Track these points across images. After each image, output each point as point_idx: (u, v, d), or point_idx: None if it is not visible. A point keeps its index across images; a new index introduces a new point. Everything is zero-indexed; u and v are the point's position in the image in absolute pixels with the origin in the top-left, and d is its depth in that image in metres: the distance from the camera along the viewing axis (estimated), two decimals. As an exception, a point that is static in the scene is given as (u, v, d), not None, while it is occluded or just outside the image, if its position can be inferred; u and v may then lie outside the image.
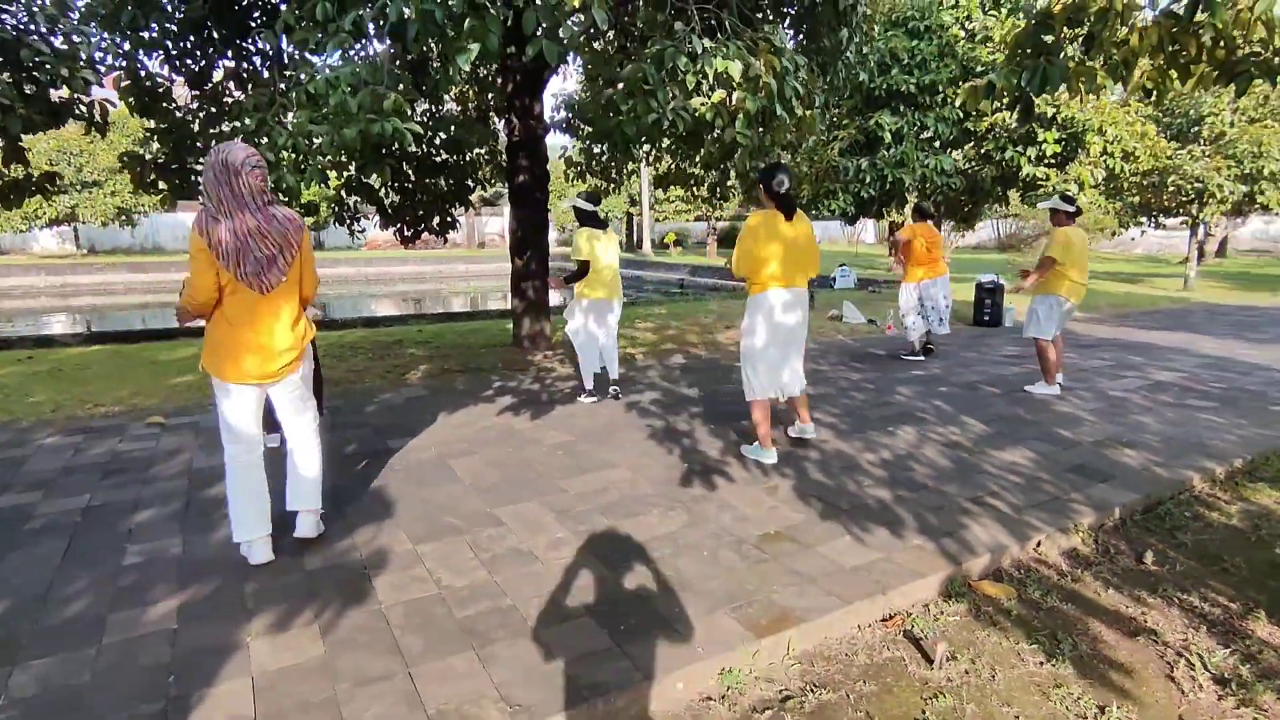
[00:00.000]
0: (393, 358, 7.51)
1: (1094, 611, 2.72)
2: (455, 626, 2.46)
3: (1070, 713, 2.16)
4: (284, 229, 2.76)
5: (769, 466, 4.07)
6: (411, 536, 3.17)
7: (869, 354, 7.84)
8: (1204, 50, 4.25)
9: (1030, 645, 2.49)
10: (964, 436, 4.66)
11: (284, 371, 2.86)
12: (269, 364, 2.79)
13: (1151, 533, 3.40)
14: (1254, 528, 3.44)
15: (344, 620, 2.50)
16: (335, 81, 4.97)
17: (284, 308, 2.81)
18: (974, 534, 3.21)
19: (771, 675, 2.34)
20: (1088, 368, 6.91)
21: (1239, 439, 4.63)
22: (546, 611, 2.56)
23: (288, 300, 2.83)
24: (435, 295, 24.72)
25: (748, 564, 2.92)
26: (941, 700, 2.20)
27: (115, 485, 3.78)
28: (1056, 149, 9.93)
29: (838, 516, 3.39)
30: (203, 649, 2.32)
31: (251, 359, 2.75)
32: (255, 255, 2.69)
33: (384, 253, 34.11)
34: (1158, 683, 2.31)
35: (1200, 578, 2.98)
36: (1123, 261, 25.82)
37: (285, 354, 2.83)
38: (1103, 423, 4.98)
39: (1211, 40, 4.26)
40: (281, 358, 2.82)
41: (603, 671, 2.22)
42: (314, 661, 2.26)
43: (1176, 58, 4.32)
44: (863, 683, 2.31)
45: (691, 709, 2.19)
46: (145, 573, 2.83)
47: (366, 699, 2.08)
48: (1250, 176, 14.22)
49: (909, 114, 10.55)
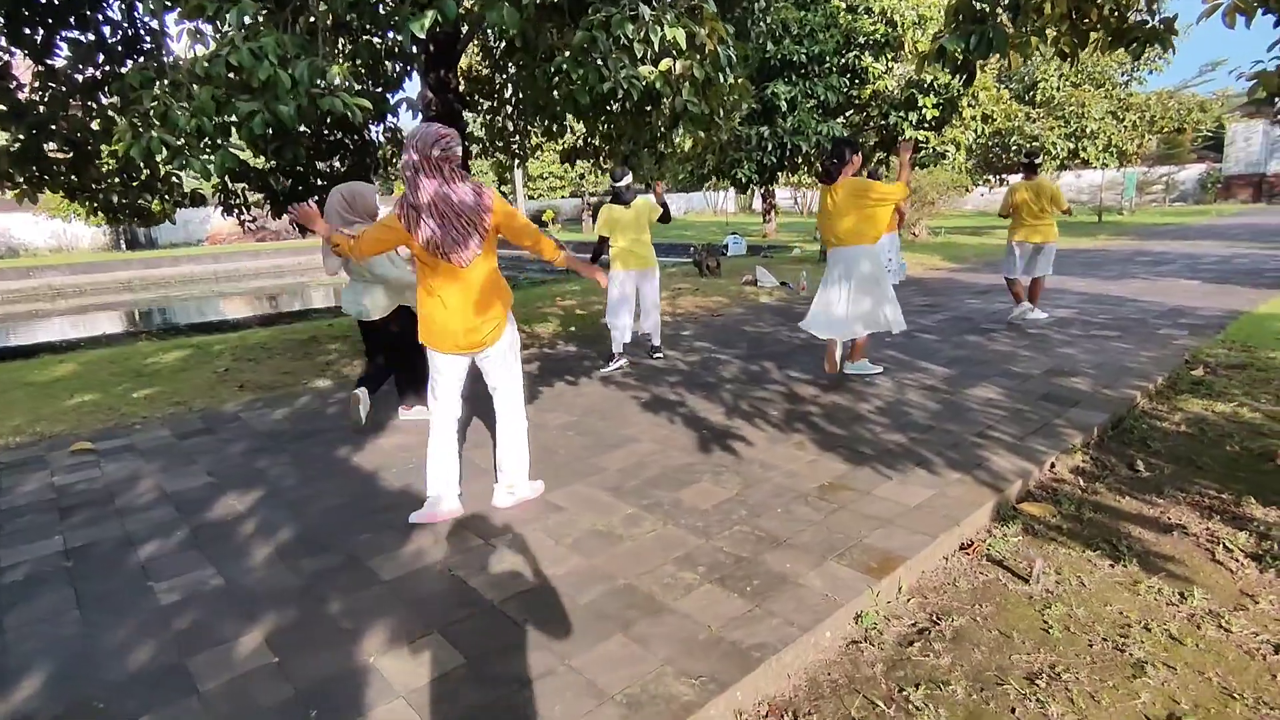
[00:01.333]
0: (317, 354, 6.95)
1: (1124, 517, 3.08)
2: (584, 613, 2.38)
3: (1161, 602, 2.44)
4: (474, 205, 2.80)
5: (782, 423, 4.21)
6: (477, 532, 3.00)
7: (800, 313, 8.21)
8: (1101, 18, 4.77)
9: (1094, 553, 2.78)
10: (935, 380, 5.03)
11: (488, 340, 2.96)
12: (472, 335, 2.92)
13: (1128, 445, 3.87)
14: (1201, 431, 4.00)
15: (463, 626, 2.34)
16: (261, 53, 4.50)
17: (479, 280, 2.89)
18: (997, 464, 3.50)
19: (897, 613, 2.47)
20: (998, 310, 7.63)
21: (1149, 360, 5.33)
22: (667, 585, 2.53)
23: (482, 273, 2.90)
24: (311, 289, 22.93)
25: (823, 515, 3.03)
26: (1056, 608, 2.42)
27: (86, 523, 3.27)
28: (935, 113, 10.77)
29: (872, 462, 3.57)
30: (325, 678, 2.10)
31: (454, 330, 2.90)
32: (447, 231, 2.77)
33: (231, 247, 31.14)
34: (1209, 567, 2.66)
35: (1187, 477, 3.44)
36: (959, 217, 28.48)
37: (484, 324, 2.93)
38: (1039, 356, 5.56)
39: (1109, 10, 4.78)
40: (481, 328, 2.93)
41: (759, 632, 2.24)
42: (460, 671, 2.11)
43: (1078, 25, 4.83)
44: (978, 605, 2.48)
45: (846, 654, 2.26)
46: (196, 610, 2.49)
47: (545, 699, 1.98)
48: (1075, 135, 16.15)
49: (800, 83, 11.00)
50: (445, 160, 2.77)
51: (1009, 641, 2.28)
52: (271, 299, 20.59)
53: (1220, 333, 6.21)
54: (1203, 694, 2.01)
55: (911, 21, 10.60)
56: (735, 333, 7.25)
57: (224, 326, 9.24)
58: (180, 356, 7.11)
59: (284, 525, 3.14)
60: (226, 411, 5.08)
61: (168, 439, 4.51)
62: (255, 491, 3.54)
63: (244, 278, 27.32)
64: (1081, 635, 2.29)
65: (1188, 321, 6.72)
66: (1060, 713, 1.95)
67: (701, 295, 9.87)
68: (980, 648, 2.25)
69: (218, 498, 3.49)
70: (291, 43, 4.54)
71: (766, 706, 2.04)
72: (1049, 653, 2.21)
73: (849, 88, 11.28)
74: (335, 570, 2.73)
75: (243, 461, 4.00)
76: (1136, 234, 17.36)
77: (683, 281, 11.49)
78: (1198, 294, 8.35)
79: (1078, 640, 2.27)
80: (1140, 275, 10.12)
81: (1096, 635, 2.28)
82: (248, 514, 3.27)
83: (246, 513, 3.29)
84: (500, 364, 3.10)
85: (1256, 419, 4.13)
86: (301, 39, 4.68)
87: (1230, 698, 1.99)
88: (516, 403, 3.20)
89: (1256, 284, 9.01)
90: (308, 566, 2.76)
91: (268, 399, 5.38)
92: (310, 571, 2.73)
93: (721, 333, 7.27)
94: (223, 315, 13.60)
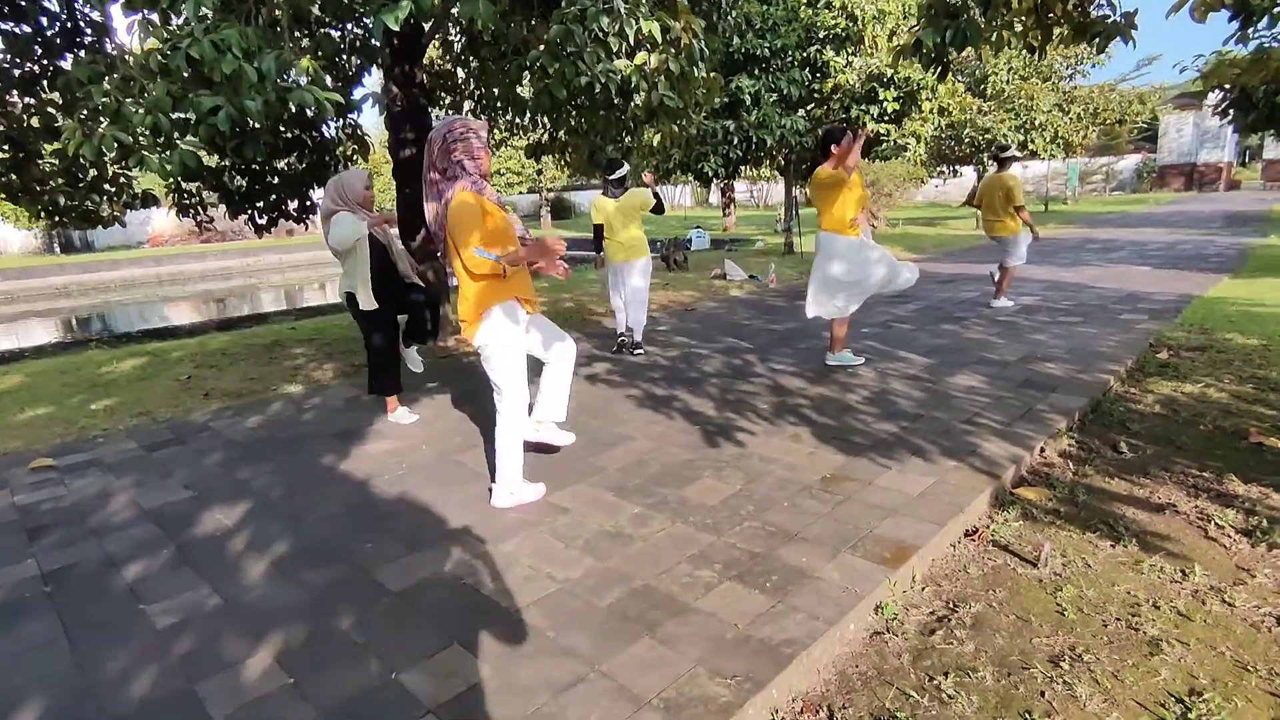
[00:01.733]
0: (283, 359, 6.73)
1: (1116, 498, 3.17)
2: (606, 617, 2.34)
3: (1165, 580, 2.52)
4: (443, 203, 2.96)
5: (773, 416, 4.23)
6: (486, 536, 2.93)
7: (773, 306, 8.27)
8: (1066, 13, 4.92)
9: (1094, 534, 2.86)
10: (916, 369, 5.12)
11: (470, 335, 3.07)
12: (464, 327, 3.07)
13: (1108, 428, 3.99)
14: (1174, 412, 4.15)
15: (483, 636, 2.28)
16: (224, 45, 4.33)
17: (462, 276, 3.03)
18: (989, 450, 3.57)
19: (914, 602, 2.49)
20: (965, 299, 7.81)
21: (1116, 344, 5.52)
22: (686, 585, 2.51)
23: (460, 270, 3.04)
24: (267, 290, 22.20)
25: (830, 507, 3.05)
26: (1067, 590, 2.48)
27: (59, 544, 3.08)
28: (895, 107, 10.95)
29: (868, 452, 3.61)
30: (347, 697, 2.02)
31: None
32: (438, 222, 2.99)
33: (174, 249, 30.03)
34: (1204, 544, 2.76)
35: (1168, 457, 3.56)
36: (913, 208, 29.14)
37: (465, 320, 3.04)
38: (1013, 343, 5.70)
39: (1073, 5, 4.93)
40: (466, 323, 3.05)
41: (786, 628, 2.23)
42: (494, 683, 2.05)
43: (1044, 19, 4.96)
44: (992, 591, 2.53)
45: (871, 645, 2.28)
46: (197, 632, 2.37)
47: (578, 707, 1.93)
48: (1024, 127, 16.63)
49: (764, 77, 11.07)
50: (447, 151, 2.89)
51: (1028, 625, 2.32)
52: (220, 302, 19.91)
53: (1178, 316, 6.47)
54: (1218, 668, 2.08)
55: (871, 16, 10.75)
56: (712, 326, 7.26)
57: (179, 332, 8.88)
58: (137, 365, 6.80)
59: (279, 538, 3.01)
60: (195, 421, 4.87)
61: (135, 452, 4.30)
62: (242, 504, 3.40)
63: (189, 281, 26.35)
64: (1095, 616, 2.34)
65: (1146, 306, 6.99)
66: (1088, 694, 1.99)
67: (673, 290, 9.87)
68: (1001, 633, 2.29)
69: (202, 512, 3.33)
70: (255, 35, 4.37)
71: (800, 703, 2.04)
72: (1067, 635, 2.26)
73: (811, 81, 11.38)
74: (341, 583, 2.63)
75: (223, 473, 3.83)
76: (1083, 222, 18.00)
77: (652, 276, 11.46)
78: (1150, 279, 8.69)
79: (1092, 621, 2.32)
80: (1093, 262, 10.48)
81: (1109, 615, 2.34)
82: (238, 528, 3.14)
83: (236, 527, 3.15)
84: (485, 361, 3.09)
85: (1224, 399, 4.30)
86: (263, 31, 4.51)
87: (1244, 670, 2.06)
88: (500, 404, 3.13)
89: (1202, 269, 9.42)
90: (311, 580, 2.66)
91: (237, 407, 5.18)
92: (314, 585, 2.62)
93: (698, 327, 7.28)
94: (173, 321, 13.07)
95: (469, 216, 2.83)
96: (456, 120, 2.93)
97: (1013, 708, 1.96)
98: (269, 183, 8.14)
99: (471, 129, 2.92)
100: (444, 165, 2.92)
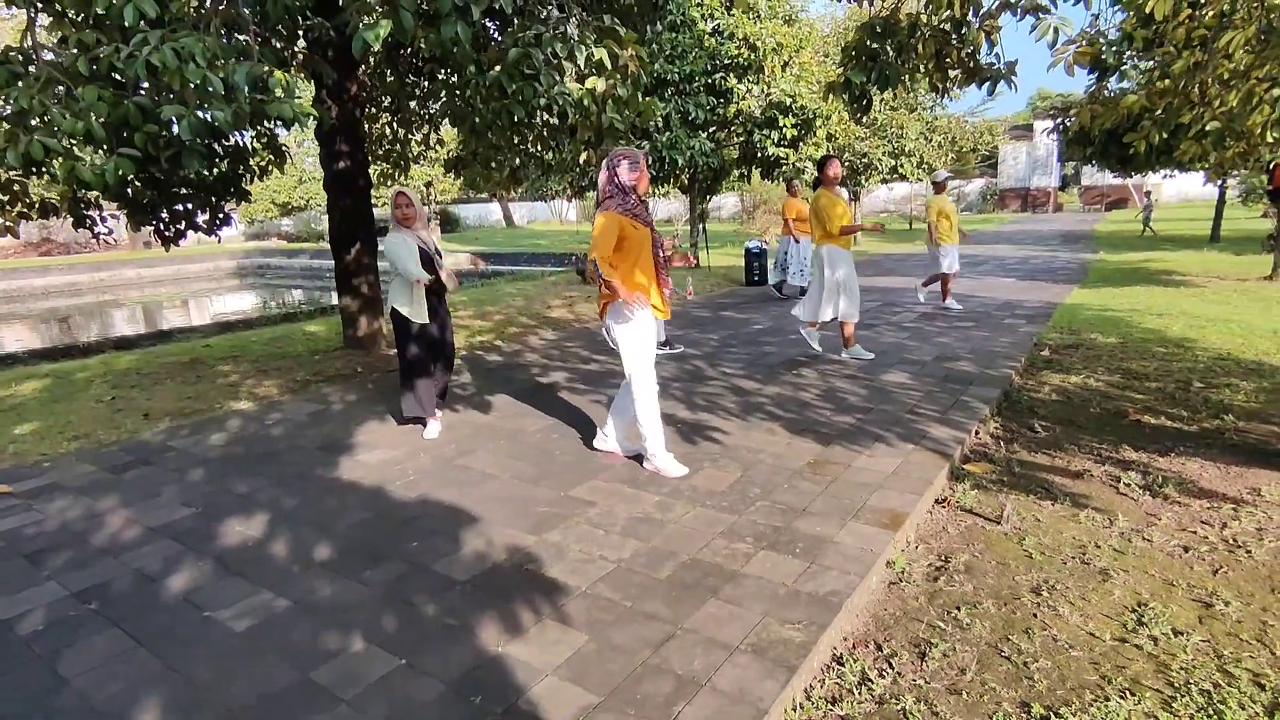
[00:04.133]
0: (214, 377, 6.45)
1: (1043, 468, 3.83)
2: (669, 586, 2.64)
3: (1098, 526, 3.15)
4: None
5: (742, 414, 4.66)
6: (526, 530, 3.14)
7: (700, 317, 8.79)
8: (959, 60, 5.76)
9: (1034, 496, 3.47)
10: (852, 369, 5.74)
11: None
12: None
13: (1020, 413, 4.73)
14: (1068, 399, 4.97)
15: (567, 610, 2.51)
16: (185, 54, 4.32)
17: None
18: (936, 434, 4.17)
19: (914, 557, 2.97)
20: (869, 308, 8.66)
21: (1008, 344, 6.43)
22: (728, 556, 2.85)
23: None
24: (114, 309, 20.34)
25: (823, 486, 3.50)
26: (1029, 539, 3.04)
27: (73, 566, 2.98)
28: (793, 132, 11.88)
29: (838, 441, 4.11)
30: (466, 669, 2.20)
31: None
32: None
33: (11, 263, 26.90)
34: (1118, 499, 3.43)
35: (1073, 434, 4.30)
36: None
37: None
38: (924, 345, 6.49)
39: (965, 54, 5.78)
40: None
41: (827, 583, 2.63)
42: (591, 650, 2.29)
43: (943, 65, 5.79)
44: (971, 545, 3.05)
45: (892, 593, 2.72)
46: (280, 630, 2.44)
47: (680, 655, 2.23)
48: (895, 153, 18.35)
49: (674, 100, 11.68)
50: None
51: (1007, 568, 2.85)
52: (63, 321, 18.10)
53: (1049, 321, 7.56)
54: (1153, 586, 2.68)
55: (770, 48, 11.64)
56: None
57: (73, 351, 8.17)
58: (40, 387, 6.28)
59: (317, 544, 3.07)
60: (152, 442, 4.66)
61: (98, 474, 4.09)
62: (258, 516, 3.39)
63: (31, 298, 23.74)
64: (1055, 556, 2.91)
65: (1022, 312, 8.09)
66: (1068, 611, 2.52)
67: (595, 302, 10.18)
68: (989, 575, 2.80)
69: (216, 526, 3.30)
70: (215, 45, 4.34)
71: (851, 640, 2.44)
72: (1038, 572, 2.80)
73: (715, 106, 12.11)
74: (404, 578, 2.76)
75: (217, 489, 3.77)
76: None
77: (570, 290, 11.75)
78: (1017, 289, 9.98)
79: (1054, 560, 2.88)
80: (966, 275, 11.81)
81: (1066, 555, 2.91)
82: (267, 538, 3.15)
83: (265, 537, 3.16)
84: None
85: (1101, 386, 5.19)
86: (219, 40, 4.48)
87: (1171, 585, 2.68)
88: (629, 376, 3.69)
89: (1055, 280, 10.90)
90: (374, 578, 2.77)
91: (190, 425, 4.99)
92: (379, 582, 2.74)
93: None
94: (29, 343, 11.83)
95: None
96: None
97: (1017, 626, 2.46)
98: (175, 194, 7.73)
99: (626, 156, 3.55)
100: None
